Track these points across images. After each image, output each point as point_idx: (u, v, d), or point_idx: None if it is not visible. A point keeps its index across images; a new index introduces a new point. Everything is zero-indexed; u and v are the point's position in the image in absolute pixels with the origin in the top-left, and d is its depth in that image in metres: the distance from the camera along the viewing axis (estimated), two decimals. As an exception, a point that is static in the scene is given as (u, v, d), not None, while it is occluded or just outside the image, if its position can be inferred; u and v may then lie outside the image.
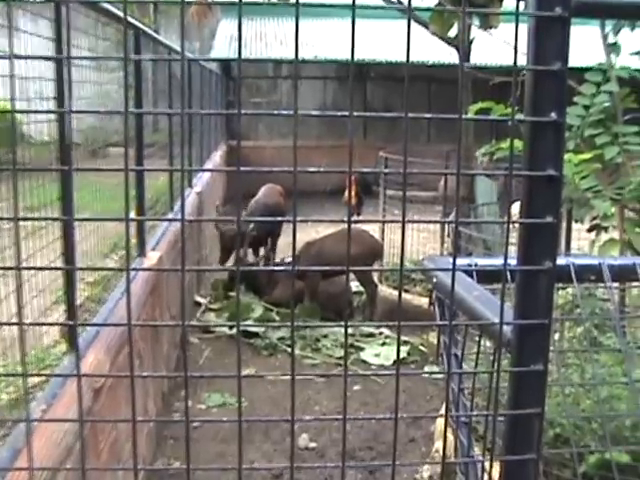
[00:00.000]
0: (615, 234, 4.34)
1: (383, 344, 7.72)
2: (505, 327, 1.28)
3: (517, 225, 1.26)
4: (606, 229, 4.29)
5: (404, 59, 1.10)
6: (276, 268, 8.12)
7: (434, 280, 1.79)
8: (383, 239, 9.18)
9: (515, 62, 1.13)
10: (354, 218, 10.07)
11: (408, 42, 1.13)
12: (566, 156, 3.78)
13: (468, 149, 8.43)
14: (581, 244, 6.00)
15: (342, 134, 18.61)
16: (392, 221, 1.90)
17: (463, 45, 7.86)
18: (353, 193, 14.76)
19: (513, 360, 1.28)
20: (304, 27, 18.03)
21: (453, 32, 8.01)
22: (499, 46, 7.50)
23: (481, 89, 9.82)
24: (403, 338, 7.77)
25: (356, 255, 8.25)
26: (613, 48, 4.22)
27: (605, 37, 4.42)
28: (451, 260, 1.86)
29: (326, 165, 17.41)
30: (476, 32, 7.99)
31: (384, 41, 15.23)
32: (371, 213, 13.92)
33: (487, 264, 1.81)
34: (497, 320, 1.36)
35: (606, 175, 4.13)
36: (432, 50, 12.07)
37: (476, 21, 6.82)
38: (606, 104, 4.13)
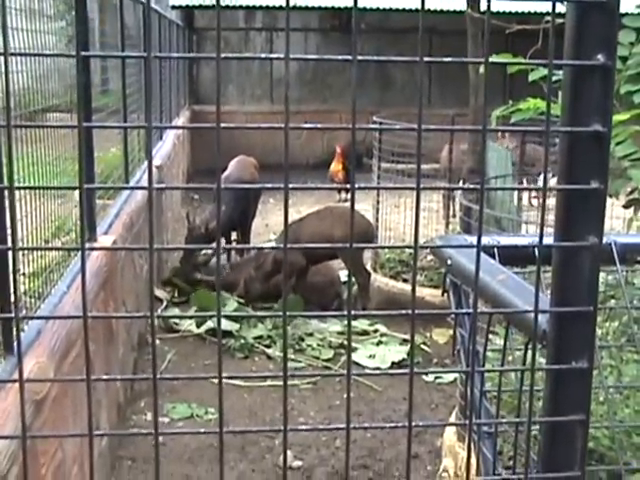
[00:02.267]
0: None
1: (378, 343, 7.72)
2: (540, 317, 1.25)
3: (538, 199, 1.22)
4: (646, 205, 4.27)
5: (400, 6, 1.05)
6: (265, 246, 8.10)
7: (448, 262, 1.76)
8: (377, 220, 9.16)
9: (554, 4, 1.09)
10: (343, 196, 10.18)
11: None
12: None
13: (478, 111, 8.41)
14: (614, 224, 6.00)
15: (326, 97, 18.54)
16: (405, 188, 1.86)
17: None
18: (340, 166, 14.75)
19: (550, 356, 1.25)
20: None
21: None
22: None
23: (490, 41, 9.74)
24: (402, 336, 7.78)
25: (343, 238, 8.20)
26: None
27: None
28: (468, 238, 1.84)
29: (308, 133, 17.34)
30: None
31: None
32: (362, 190, 13.87)
33: (513, 242, 1.78)
34: (530, 308, 1.33)
35: (646, 140, 4.11)
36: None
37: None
38: (646, 55, 4.09)
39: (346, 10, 16.23)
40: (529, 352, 1.48)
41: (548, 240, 1.26)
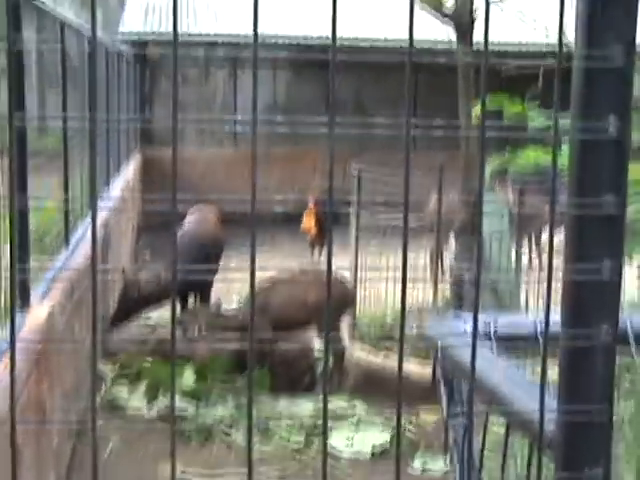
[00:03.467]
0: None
1: (357, 426, 7.65)
2: (547, 417, 1.24)
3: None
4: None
5: (384, 37, 1.05)
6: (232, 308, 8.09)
7: (439, 350, 1.74)
8: (356, 283, 9.16)
9: (560, 45, 1.09)
10: (316, 253, 10.14)
11: (411, 20, 1.09)
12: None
13: (470, 160, 8.49)
14: (625, 287, 5.99)
15: (298, 139, 18.63)
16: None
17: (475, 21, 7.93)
18: (313, 222, 14.73)
19: (559, 463, 1.23)
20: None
21: (450, 4, 8.07)
22: (511, 21, 7.59)
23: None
24: (384, 417, 7.72)
25: (319, 304, 8.22)
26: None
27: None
28: (463, 324, 1.82)
29: (277, 182, 17.37)
30: (480, 3, 8.09)
31: (355, 14, 15.37)
32: (338, 246, 13.88)
33: (512, 325, 1.77)
34: (535, 408, 1.32)
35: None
36: (421, 28, 12.17)
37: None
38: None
39: (320, 45, 16.33)
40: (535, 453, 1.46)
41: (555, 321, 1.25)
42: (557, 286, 1.31)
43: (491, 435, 3.25)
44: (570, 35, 1.18)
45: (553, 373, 1.34)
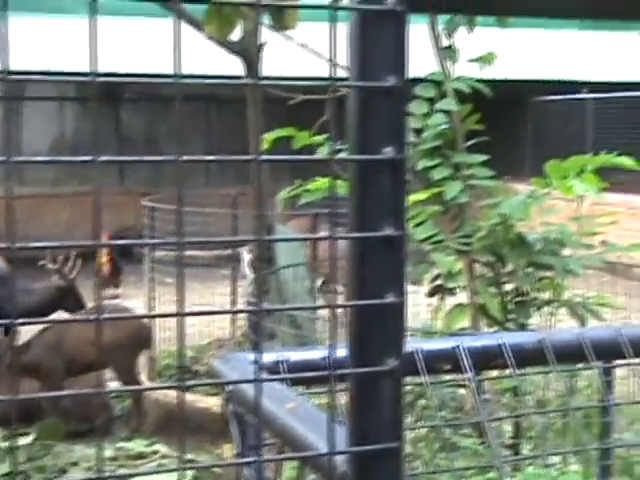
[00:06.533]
0: (464, 297, 4.47)
1: (158, 468, 7.49)
2: (339, 457, 1.21)
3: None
4: (452, 291, 4.41)
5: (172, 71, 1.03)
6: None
7: (229, 388, 1.69)
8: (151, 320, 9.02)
9: (331, 75, 1.07)
10: (111, 292, 9.85)
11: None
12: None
13: (261, 192, 8.52)
14: (418, 311, 6.12)
15: (87, 177, 18.20)
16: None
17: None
18: (107, 257, 14.41)
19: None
20: (21, 25, 17.57)
21: (236, 35, 8.05)
22: (298, 53, 7.69)
23: (273, 110, 9.94)
24: (187, 456, 7.59)
25: (113, 342, 8.06)
26: (448, 53, 4.38)
27: (437, 39, 4.59)
28: (251, 358, 1.78)
29: (70, 217, 16.89)
30: (267, 35, 8.12)
31: (145, 48, 15.22)
32: (134, 283, 13.64)
33: (304, 359, 1.75)
34: (325, 448, 1.29)
35: (448, 220, 4.28)
36: (211, 59, 12.17)
37: (267, 20, 6.94)
38: (443, 127, 4.27)
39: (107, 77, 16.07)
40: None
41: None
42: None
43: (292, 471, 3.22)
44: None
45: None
